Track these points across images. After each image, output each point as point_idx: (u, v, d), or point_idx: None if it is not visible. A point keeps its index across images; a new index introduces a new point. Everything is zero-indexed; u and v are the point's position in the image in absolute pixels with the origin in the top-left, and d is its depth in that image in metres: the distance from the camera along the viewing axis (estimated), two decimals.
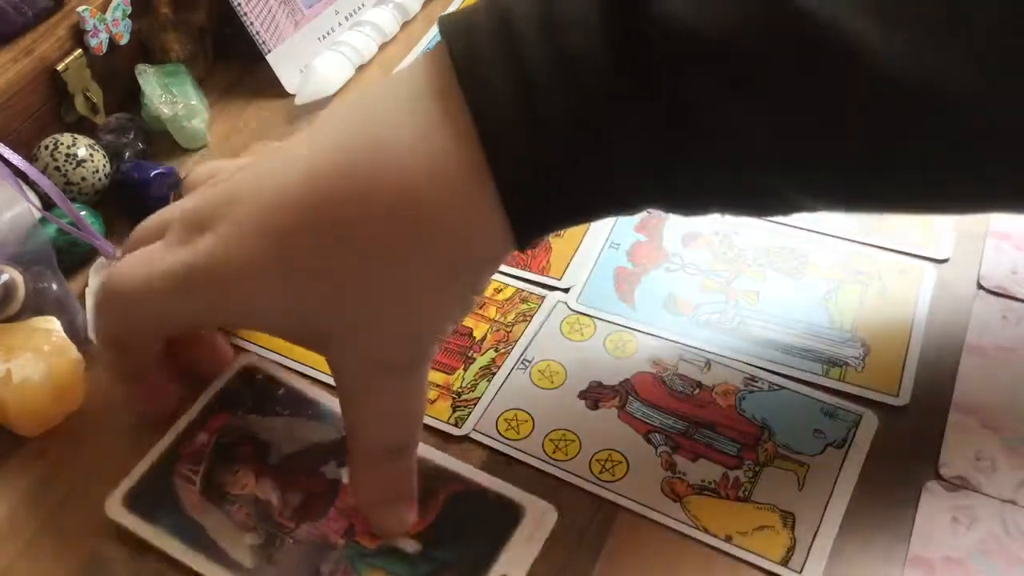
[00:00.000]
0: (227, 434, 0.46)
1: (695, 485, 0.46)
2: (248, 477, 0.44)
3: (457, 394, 0.50)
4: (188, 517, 0.43)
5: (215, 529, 0.42)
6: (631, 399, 0.49)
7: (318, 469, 0.44)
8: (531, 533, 0.42)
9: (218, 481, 0.44)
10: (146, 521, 0.43)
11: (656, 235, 0.57)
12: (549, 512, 0.43)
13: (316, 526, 0.43)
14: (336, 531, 0.42)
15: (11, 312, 0.50)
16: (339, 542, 0.42)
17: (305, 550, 0.42)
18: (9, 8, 0.57)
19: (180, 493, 0.44)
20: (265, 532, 0.42)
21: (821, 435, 0.47)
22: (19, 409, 0.47)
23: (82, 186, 0.57)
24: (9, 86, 0.57)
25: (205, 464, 0.44)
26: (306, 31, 0.69)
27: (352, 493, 0.43)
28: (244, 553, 0.41)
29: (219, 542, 0.42)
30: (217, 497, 0.44)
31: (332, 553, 0.42)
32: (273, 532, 0.42)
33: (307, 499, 0.43)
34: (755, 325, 0.52)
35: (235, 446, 0.45)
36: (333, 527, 0.42)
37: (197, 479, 0.44)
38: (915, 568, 0.42)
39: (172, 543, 0.42)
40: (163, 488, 0.44)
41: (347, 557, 0.41)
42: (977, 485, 0.45)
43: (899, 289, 0.54)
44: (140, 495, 0.44)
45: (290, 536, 0.42)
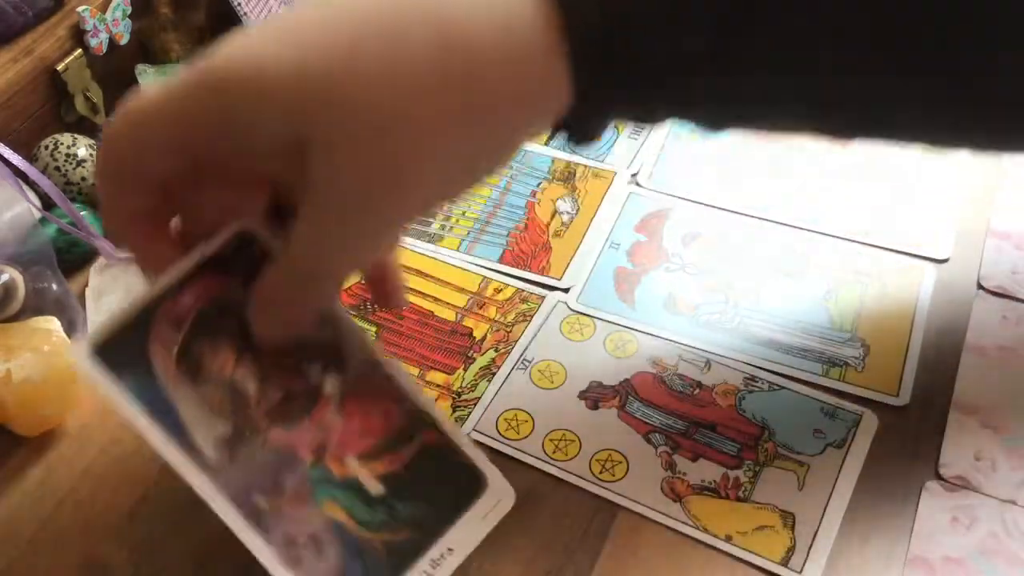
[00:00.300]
0: (215, 303, 0.40)
1: (695, 485, 0.46)
2: (228, 357, 0.40)
3: (457, 394, 0.50)
4: (157, 386, 0.38)
5: (183, 406, 0.38)
6: (631, 399, 0.49)
7: (302, 368, 0.40)
8: (485, 513, 0.40)
9: (195, 355, 0.39)
10: (112, 379, 0.38)
11: (656, 235, 0.57)
12: (507, 496, 0.40)
13: (288, 434, 0.39)
14: (307, 445, 0.39)
15: (11, 312, 0.50)
16: (307, 458, 0.39)
17: (270, 456, 0.39)
18: (9, 8, 0.58)
19: (154, 358, 0.39)
20: (235, 424, 0.39)
21: (821, 435, 0.47)
22: (19, 409, 0.47)
23: (82, 186, 0.57)
24: (9, 86, 0.57)
25: (185, 331, 0.39)
26: None
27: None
28: (208, 442, 0.38)
29: (185, 422, 0.38)
30: (191, 372, 0.39)
31: (297, 467, 0.39)
32: (243, 427, 0.39)
33: (286, 398, 0.40)
34: (755, 325, 0.52)
35: (220, 319, 0.40)
36: (305, 439, 0.39)
37: (174, 346, 0.39)
38: (915, 568, 0.42)
39: (133, 410, 0.37)
40: (136, 347, 0.38)
41: (310, 478, 0.39)
42: (977, 485, 0.45)
43: (899, 289, 0.54)
44: (110, 348, 0.38)
45: (260, 436, 0.39)
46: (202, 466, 0.38)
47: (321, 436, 0.40)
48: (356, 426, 0.40)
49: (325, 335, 0.41)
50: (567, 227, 0.58)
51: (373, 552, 0.38)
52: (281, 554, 0.38)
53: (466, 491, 0.40)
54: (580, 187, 0.60)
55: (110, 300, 0.53)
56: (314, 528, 0.38)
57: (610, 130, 0.63)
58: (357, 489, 0.39)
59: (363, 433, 0.40)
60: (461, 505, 0.40)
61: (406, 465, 0.40)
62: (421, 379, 0.50)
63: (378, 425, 0.40)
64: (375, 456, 0.40)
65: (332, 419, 0.40)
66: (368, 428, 0.40)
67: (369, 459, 0.40)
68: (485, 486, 0.40)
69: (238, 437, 0.39)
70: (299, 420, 0.40)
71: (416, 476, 0.40)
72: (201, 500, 0.38)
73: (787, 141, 0.62)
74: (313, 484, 0.39)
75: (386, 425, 0.40)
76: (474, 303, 0.54)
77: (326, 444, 0.40)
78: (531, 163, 0.61)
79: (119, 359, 0.38)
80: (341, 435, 0.40)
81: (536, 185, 0.60)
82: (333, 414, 0.40)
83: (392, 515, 0.39)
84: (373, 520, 0.39)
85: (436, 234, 0.58)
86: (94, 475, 0.47)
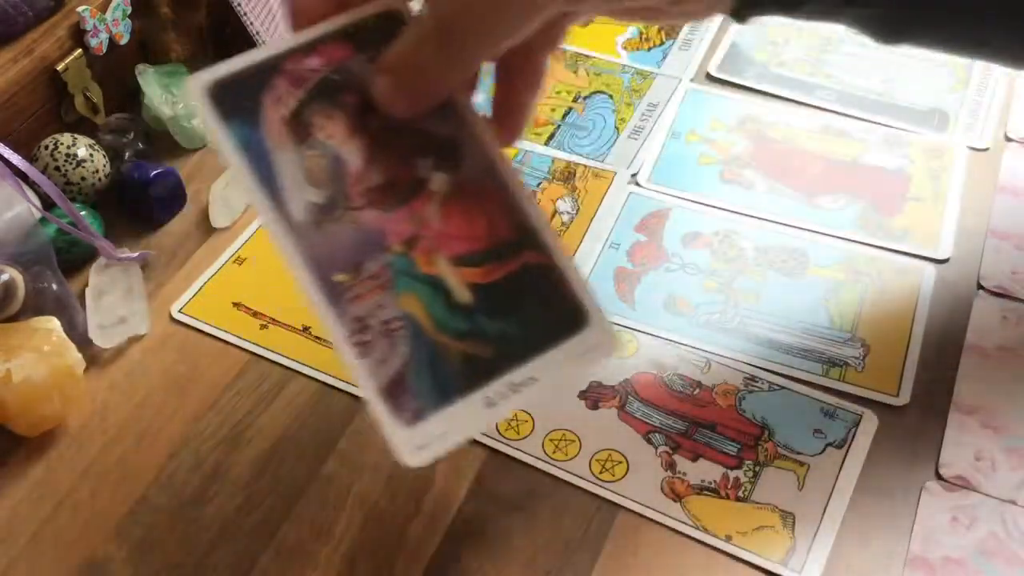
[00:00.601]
0: (341, 72, 0.39)
1: (695, 485, 0.46)
2: (339, 128, 0.38)
3: None
4: (261, 138, 0.37)
5: (282, 164, 0.37)
6: (631, 399, 0.49)
7: (412, 159, 0.39)
8: (581, 352, 0.38)
9: (308, 118, 0.38)
10: (220, 119, 0.37)
11: (656, 235, 0.57)
12: (609, 341, 0.38)
13: (381, 218, 0.37)
14: (397, 234, 0.37)
15: (11, 312, 0.50)
16: (394, 246, 0.37)
17: (358, 235, 0.37)
18: (9, 8, 0.58)
19: (265, 110, 0.38)
20: (330, 195, 0.37)
21: (821, 435, 0.47)
22: (19, 409, 0.47)
23: (82, 186, 0.57)
24: (9, 86, 0.57)
25: (303, 92, 0.38)
26: None
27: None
28: (299, 204, 0.37)
29: (280, 179, 0.37)
30: (300, 134, 0.38)
31: (382, 253, 0.37)
32: (336, 199, 0.37)
33: (387, 184, 0.38)
34: (755, 325, 0.52)
35: (342, 90, 0.39)
36: (397, 228, 0.37)
37: (290, 104, 0.38)
38: (915, 568, 0.42)
39: (235, 155, 0.37)
40: (252, 95, 0.38)
41: (394, 266, 0.37)
42: (977, 485, 0.45)
43: (899, 289, 0.54)
44: (226, 90, 0.37)
45: (351, 213, 0.37)
46: (289, 226, 0.37)
47: (415, 229, 0.38)
48: (456, 228, 0.38)
49: (444, 130, 0.39)
50: (567, 227, 0.58)
51: (448, 360, 0.36)
52: (351, 335, 0.36)
53: (564, 323, 0.38)
54: (580, 187, 0.60)
55: (110, 300, 0.53)
56: (388, 316, 0.37)
57: (611, 130, 0.63)
58: (442, 290, 0.37)
59: (462, 237, 0.38)
60: (556, 336, 0.37)
61: (502, 280, 0.38)
62: None
63: (481, 232, 0.38)
64: (470, 263, 0.38)
65: (431, 215, 0.38)
66: (468, 233, 0.38)
67: (462, 264, 0.37)
68: (586, 323, 0.38)
69: (329, 208, 0.37)
70: (395, 208, 0.38)
71: (511, 294, 0.38)
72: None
73: (794, 138, 0.62)
74: (395, 273, 0.37)
75: (490, 233, 0.38)
76: None
77: (418, 238, 0.38)
78: (531, 163, 0.61)
79: (232, 102, 0.38)
80: (437, 233, 0.38)
81: (536, 185, 0.60)
82: (433, 210, 0.38)
83: (475, 327, 0.37)
84: (452, 326, 0.37)
85: None
86: (94, 475, 0.47)
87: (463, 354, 0.36)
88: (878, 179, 0.60)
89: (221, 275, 0.56)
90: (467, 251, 0.38)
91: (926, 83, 0.66)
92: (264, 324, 0.53)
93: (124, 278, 0.55)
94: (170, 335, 0.53)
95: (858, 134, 0.62)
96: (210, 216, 0.59)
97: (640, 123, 0.64)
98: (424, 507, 0.46)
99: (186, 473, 0.47)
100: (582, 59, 0.69)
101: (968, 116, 0.63)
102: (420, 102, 0.38)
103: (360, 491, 0.46)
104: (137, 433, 0.49)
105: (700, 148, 0.62)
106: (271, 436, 0.49)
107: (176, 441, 0.49)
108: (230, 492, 0.46)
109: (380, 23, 0.39)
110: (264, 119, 0.38)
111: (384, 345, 0.36)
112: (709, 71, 0.67)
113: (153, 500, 0.46)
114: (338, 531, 0.45)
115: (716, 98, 0.66)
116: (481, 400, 0.36)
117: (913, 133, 0.62)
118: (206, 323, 0.54)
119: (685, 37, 0.70)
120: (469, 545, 0.44)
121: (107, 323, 0.53)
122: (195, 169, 0.63)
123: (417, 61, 0.37)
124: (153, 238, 0.58)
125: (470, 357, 0.37)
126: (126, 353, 0.52)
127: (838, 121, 0.63)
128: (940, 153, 0.61)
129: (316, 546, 0.45)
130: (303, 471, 0.47)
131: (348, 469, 0.47)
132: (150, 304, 0.54)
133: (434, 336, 0.36)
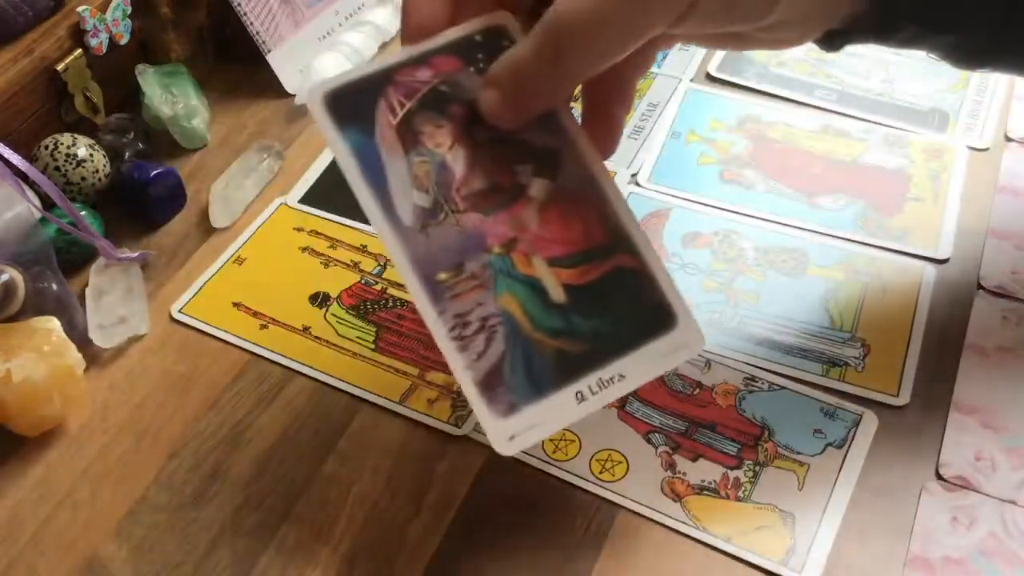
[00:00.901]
0: (449, 83, 0.41)
1: (695, 485, 0.46)
2: (446, 137, 0.41)
3: (457, 394, 0.50)
4: (374, 144, 0.40)
5: (393, 170, 0.40)
6: (631, 399, 0.49)
7: (513, 166, 0.41)
8: (668, 351, 0.40)
9: (417, 127, 0.41)
10: (336, 127, 0.40)
11: (656, 235, 0.57)
12: (696, 341, 0.40)
13: (482, 221, 0.40)
14: (497, 236, 0.40)
15: (11, 312, 0.50)
16: (494, 248, 0.40)
17: (461, 237, 0.40)
18: (9, 8, 0.58)
19: (378, 118, 0.40)
20: (435, 199, 0.40)
21: (821, 435, 0.47)
22: (19, 409, 0.47)
23: (82, 186, 0.57)
24: (9, 86, 0.57)
25: (414, 103, 0.41)
26: (306, 31, 0.69)
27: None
28: (407, 208, 0.39)
29: (390, 183, 0.40)
30: (409, 141, 0.40)
31: (482, 254, 0.40)
32: (441, 203, 0.40)
33: (489, 190, 0.40)
34: (755, 325, 0.52)
35: (450, 100, 0.41)
36: (496, 231, 0.40)
37: (400, 112, 0.41)
38: (915, 568, 0.42)
39: (349, 160, 0.39)
40: (365, 105, 0.40)
41: (493, 266, 0.40)
42: (977, 485, 0.45)
43: (899, 289, 0.54)
44: (341, 99, 0.40)
45: (455, 215, 0.40)
46: (396, 228, 0.39)
47: (514, 232, 0.40)
48: (553, 232, 0.40)
49: (545, 140, 0.41)
50: None
51: (542, 356, 0.39)
52: (451, 330, 0.38)
53: (653, 323, 0.40)
54: None
55: (110, 300, 0.53)
56: (487, 313, 0.39)
57: None
58: (538, 290, 0.39)
59: (558, 240, 0.40)
60: (645, 335, 0.40)
61: (596, 281, 0.40)
62: (421, 379, 0.50)
63: (576, 236, 0.40)
64: (566, 264, 0.40)
65: (529, 219, 0.40)
66: (565, 237, 0.40)
67: (558, 266, 0.40)
68: (675, 324, 0.40)
69: (433, 212, 0.40)
70: (496, 212, 0.40)
71: (604, 294, 0.40)
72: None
73: (795, 141, 0.62)
74: (494, 273, 0.39)
75: (585, 237, 0.40)
76: None
77: (516, 240, 0.40)
78: None
79: (347, 111, 0.40)
80: (535, 236, 0.40)
81: None
82: (532, 215, 0.40)
83: (569, 325, 0.39)
84: (547, 324, 0.39)
85: None
86: (94, 475, 0.47)
87: (556, 351, 0.39)
88: (878, 179, 0.60)
89: (221, 275, 0.56)
90: (563, 254, 0.40)
91: (926, 83, 0.66)
92: (264, 324, 0.53)
93: (124, 278, 0.55)
94: (170, 335, 0.53)
95: (858, 134, 0.62)
96: (210, 216, 0.59)
97: (640, 123, 0.64)
98: (424, 507, 0.46)
99: (186, 473, 0.47)
100: None
101: (968, 116, 0.63)
102: (525, 114, 0.40)
103: (360, 491, 0.46)
104: (137, 433, 0.49)
105: (700, 148, 0.62)
106: (271, 436, 0.49)
107: (176, 441, 0.49)
108: (230, 492, 0.47)
109: (487, 37, 0.42)
110: (377, 127, 0.40)
111: (482, 341, 0.38)
112: (709, 71, 0.67)
113: (153, 500, 0.46)
114: (338, 531, 0.45)
115: (716, 98, 0.66)
116: (572, 395, 0.38)
117: (913, 133, 0.62)
118: (206, 323, 0.54)
119: None
120: (469, 545, 0.44)
121: (107, 323, 0.53)
122: (195, 169, 0.63)
123: (525, 76, 0.39)
124: (153, 238, 0.59)
125: (563, 354, 0.39)
126: (126, 353, 0.52)
127: (838, 121, 0.63)
128: (940, 153, 0.61)
129: (316, 546, 0.45)
130: (303, 471, 0.47)
131: (348, 469, 0.47)
132: (150, 304, 0.55)
133: (530, 333, 0.39)
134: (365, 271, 0.56)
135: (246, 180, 0.61)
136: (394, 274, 0.55)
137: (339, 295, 0.55)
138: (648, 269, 0.41)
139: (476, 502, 0.46)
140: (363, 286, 0.55)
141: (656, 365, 0.40)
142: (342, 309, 0.54)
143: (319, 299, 0.55)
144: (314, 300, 0.55)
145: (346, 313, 0.54)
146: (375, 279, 0.55)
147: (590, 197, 0.41)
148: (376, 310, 0.54)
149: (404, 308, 0.54)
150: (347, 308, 0.54)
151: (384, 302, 0.54)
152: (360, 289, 0.55)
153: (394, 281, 0.55)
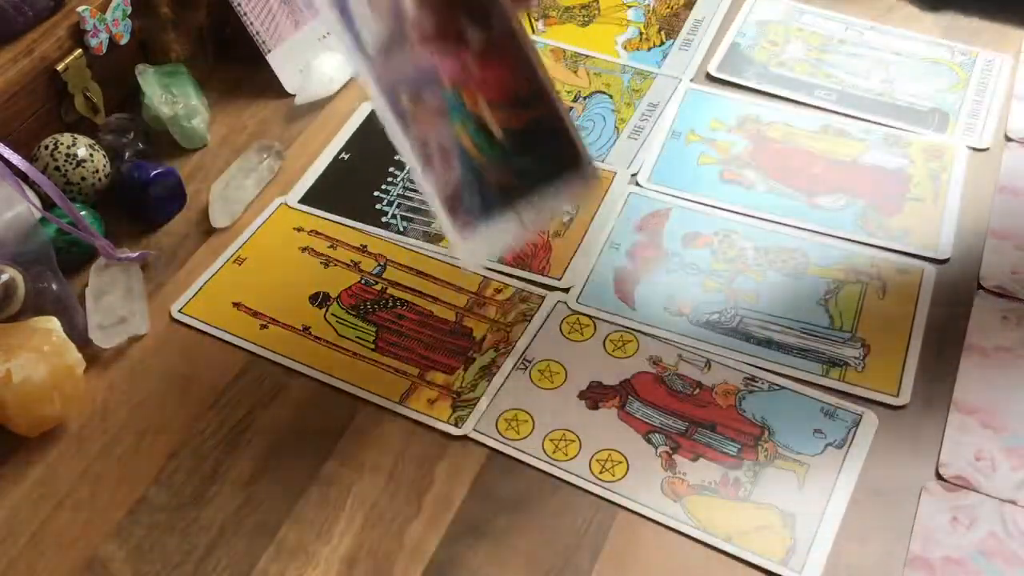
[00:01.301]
0: None
1: (695, 485, 0.46)
2: None
3: (457, 394, 0.50)
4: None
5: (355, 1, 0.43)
6: (631, 399, 0.49)
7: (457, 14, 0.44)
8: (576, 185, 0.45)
9: None
10: None
11: (656, 235, 0.57)
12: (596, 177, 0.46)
13: (436, 59, 0.44)
14: (447, 73, 0.43)
15: (11, 312, 0.50)
16: (446, 83, 0.43)
17: (416, 69, 0.43)
18: (9, 8, 0.57)
19: None
20: (391, 29, 0.43)
21: (821, 435, 0.47)
22: (19, 409, 0.47)
23: (82, 186, 0.57)
24: (9, 86, 0.57)
25: None
26: (306, 31, 0.69)
27: None
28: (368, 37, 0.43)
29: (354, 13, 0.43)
30: None
31: (437, 87, 0.43)
32: (396, 34, 0.43)
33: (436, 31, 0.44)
34: (755, 325, 0.52)
35: None
36: (446, 68, 0.43)
37: None
38: (915, 568, 0.42)
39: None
40: None
41: (448, 100, 0.43)
42: (977, 485, 0.45)
43: (899, 289, 0.54)
44: None
45: (409, 47, 0.43)
46: (363, 53, 0.43)
47: (461, 74, 0.44)
48: (489, 78, 0.44)
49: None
50: (567, 227, 0.58)
51: (489, 184, 0.44)
52: (417, 149, 0.43)
53: (566, 162, 0.45)
54: None
55: (110, 300, 0.53)
56: (444, 140, 0.44)
57: (611, 130, 0.63)
58: (483, 125, 0.44)
59: (495, 86, 0.44)
60: (561, 169, 0.45)
61: (523, 126, 0.44)
62: (421, 379, 0.50)
63: (508, 84, 0.44)
64: (501, 108, 0.44)
65: (471, 63, 0.44)
66: (498, 84, 0.44)
67: (495, 109, 0.44)
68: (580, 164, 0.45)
69: (392, 41, 0.43)
70: (446, 54, 0.44)
71: (529, 137, 0.44)
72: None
73: (796, 140, 0.62)
74: (449, 105, 0.43)
75: (514, 87, 0.45)
76: (474, 303, 0.54)
77: (465, 82, 0.44)
78: None
79: None
80: (478, 79, 0.44)
81: None
82: (473, 60, 0.44)
83: (507, 160, 0.44)
84: (493, 155, 0.44)
85: (436, 233, 0.58)
86: (94, 475, 0.47)
87: (498, 183, 0.44)
88: (878, 179, 0.60)
89: (221, 275, 0.56)
90: (499, 98, 0.44)
91: (926, 83, 0.66)
92: (264, 324, 0.53)
93: (124, 278, 0.55)
94: (170, 335, 0.53)
95: (858, 134, 0.62)
96: (210, 216, 0.59)
97: (640, 123, 0.64)
98: (424, 507, 0.46)
99: (186, 473, 0.47)
100: (582, 59, 0.69)
101: (968, 116, 0.63)
102: None
103: (360, 491, 0.46)
104: (137, 433, 0.49)
105: (700, 148, 0.62)
106: (271, 436, 0.49)
107: (176, 441, 0.49)
108: (230, 492, 0.47)
109: None
110: None
111: (441, 162, 0.43)
112: (709, 71, 0.67)
113: (153, 500, 0.46)
114: (338, 531, 0.45)
115: (716, 98, 0.66)
116: (514, 217, 0.45)
117: (913, 133, 0.62)
118: (206, 323, 0.54)
119: (685, 37, 0.70)
120: (469, 545, 0.44)
121: (107, 323, 0.53)
122: (195, 169, 0.63)
123: None
124: (153, 238, 0.58)
125: (503, 185, 0.44)
126: (126, 353, 0.52)
127: (838, 121, 0.63)
128: (940, 153, 0.61)
129: (316, 546, 0.45)
130: (303, 471, 0.47)
131: (348, 469, 0.47)
132: (150, 304, 0.54)
133: (478, 159, 0.44)
134: (365, 271, 0.56)
135: (246, 180, 0.61)
136: (394, 274, 0.55)
137: (339, 295, 0.55)
138: (560, 119, 0.45)
139: (476, 502, 0.46)
140: (363, 286, 0.55)
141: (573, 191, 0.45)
142: (342, 309, 0.54)
143: (319, 299, 0.55)
144: (314, 300, 0.55)
145: (346, 313, 0.54)
146: (375, 279, 0.55)
147: (513, 50, 0.45)
148: (376, 310, 0.54)
149: (404, 308, 0.54)
150: (347, 308, 0.54)
151: (384, 302, 0.54)
152: (360, 289, 0.55)
153: (394, 281, 0.55)
